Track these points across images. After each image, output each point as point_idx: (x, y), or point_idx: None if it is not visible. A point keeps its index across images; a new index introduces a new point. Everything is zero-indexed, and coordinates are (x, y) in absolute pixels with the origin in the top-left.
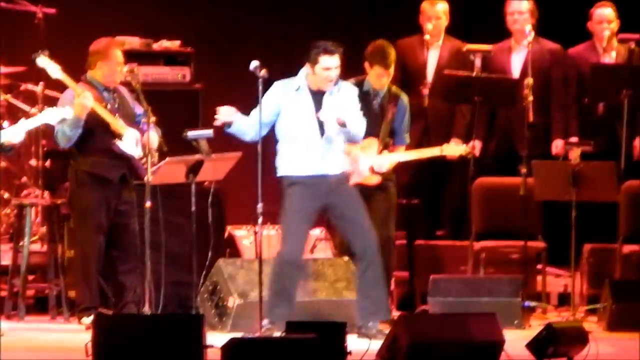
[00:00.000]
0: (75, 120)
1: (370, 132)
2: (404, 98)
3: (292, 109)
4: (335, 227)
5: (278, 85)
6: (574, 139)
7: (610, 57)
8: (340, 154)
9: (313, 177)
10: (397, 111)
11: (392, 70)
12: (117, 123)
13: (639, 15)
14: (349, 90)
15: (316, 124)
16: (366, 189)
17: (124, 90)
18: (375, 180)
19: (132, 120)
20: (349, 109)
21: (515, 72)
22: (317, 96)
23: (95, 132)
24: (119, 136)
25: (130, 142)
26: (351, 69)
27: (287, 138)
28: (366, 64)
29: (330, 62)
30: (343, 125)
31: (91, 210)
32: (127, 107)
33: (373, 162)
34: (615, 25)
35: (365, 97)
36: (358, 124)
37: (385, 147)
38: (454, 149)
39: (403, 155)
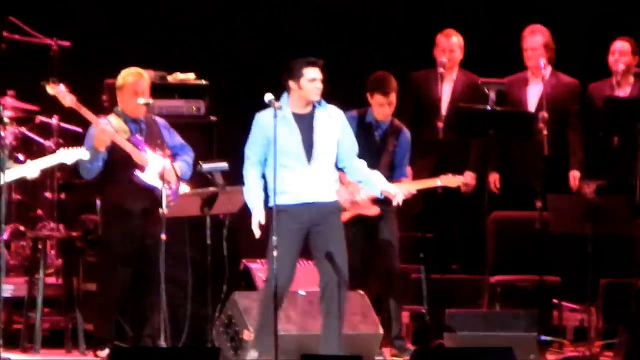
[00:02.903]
0: (94, 154)
1: (370, 163)
2: (407, 132)
3: (278, 137)
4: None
5: (261, 118)
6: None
7: (624, 92)
8: (330, 181)
9: (299, 206)
10: (398, 144)
11: (393, 98)
12: (138, 155)
13: None
14: (337, 113)
15: (302, 150)
16: (367, 220)
17: (160, 122)
18: (375, 211)
19: (164, 152)
20: (344, 133)
21: (531, 106)
22: (302, 120)
23: (118, 163)
24: (141, 168)
25: (152, 174)
26: (364, 102)
27: (273, 166)
28: (368, 95)
29: (314, 73)
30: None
31: (114, 242)
32: (157, 138)
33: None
34: (630, 59)
35: (367, 129)
36: (355, 149)
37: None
38: (451, 180)
39: (403, 186)
